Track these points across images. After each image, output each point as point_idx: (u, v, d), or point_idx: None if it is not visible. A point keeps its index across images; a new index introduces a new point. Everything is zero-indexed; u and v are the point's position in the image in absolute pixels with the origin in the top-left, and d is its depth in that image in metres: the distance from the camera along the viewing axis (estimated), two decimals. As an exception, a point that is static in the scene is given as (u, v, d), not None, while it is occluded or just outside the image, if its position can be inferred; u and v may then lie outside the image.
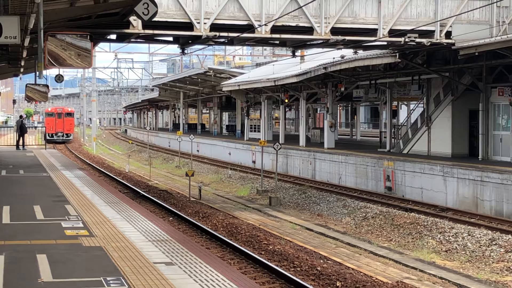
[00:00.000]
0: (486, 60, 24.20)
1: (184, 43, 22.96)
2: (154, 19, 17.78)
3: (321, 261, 14.86)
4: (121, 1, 16.42)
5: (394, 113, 41.24)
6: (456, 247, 17.35)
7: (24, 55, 21.55)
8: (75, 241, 10.21)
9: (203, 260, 9.20)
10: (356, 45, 24.72)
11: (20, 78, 59.49)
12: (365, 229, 20.68)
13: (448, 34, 22.55)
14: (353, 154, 28.94)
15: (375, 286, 12.61)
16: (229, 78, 48.40)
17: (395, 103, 43.23)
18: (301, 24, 21.43)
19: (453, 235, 18.16)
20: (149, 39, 23.92)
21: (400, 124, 35.00)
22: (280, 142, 34.13)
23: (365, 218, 21.79)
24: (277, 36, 21.83)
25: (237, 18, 20.93)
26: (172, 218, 19.86)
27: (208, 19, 20.52)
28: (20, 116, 41.09)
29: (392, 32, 21.96)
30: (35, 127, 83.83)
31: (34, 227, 11.40)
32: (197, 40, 22.06)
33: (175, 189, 30.05)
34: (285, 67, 42.13)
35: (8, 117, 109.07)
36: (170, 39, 23.42)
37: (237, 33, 21.26)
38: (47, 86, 29.22)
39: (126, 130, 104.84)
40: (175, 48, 24.79)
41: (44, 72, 18.03)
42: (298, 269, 13.68)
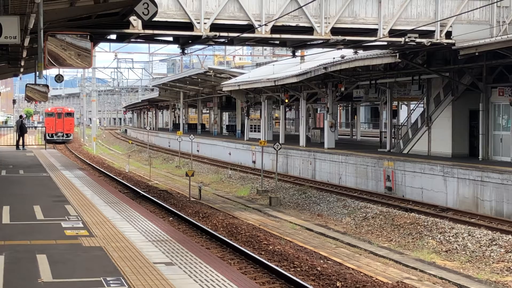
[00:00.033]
0: (486, 60, 24.19)
1: (184, 43, 22.95)
2: (154, 19, 17.77)
3: (321, 261, 14.85)
4: (121, 1, 16.41)
5: (394, 113, 41.22)
6: (456, 247, 17.34)
7: (24, 55, 21.54)
8: (75, 241, 10.20)
9: (203, 260, 9.19)
10: (356, 45, 24.71)
11: (20, 78, 59.51)
12: (365, 229, 20.67)
13: (448, 34, 22.54)
14: (353, 154, 28.94)
15: (375, 286, 12.61)
16: (229, 78, 48.40)
17: (395, 103, 43.22)
18: (301, 24, 21.42)
19: (453, 235, 18.16)
20: (149, 39, 23.92)
21: (400, 124, 35.00)
22: (280, 142, 34.12)
23: (365, 218, 21.78)
24: (277, 36, 21.82)
25: (237, 18, 20.92)
26: (172, 218, 19.85)
27: (208, 19, 20.51)
28: (20, 116, 41.09)
29: (392, 32, 21.95)
30: (35, 127, 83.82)
31: (34, 227, 11.40)
32: (197, 40, 22.06)
33: (175, 189, 30.04)
34: (285, 67, 42.13)
35: (8, 117, 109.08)
36: (170, 39, 23.42)
37: (237, 33, 21.25)
38: (47, 86, 29.21)
39: (126, 130, 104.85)
40: (175, 48, 24.79)
41: (44, 72, 18.03)
42: (298, 269, 13.67)
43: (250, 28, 20.86)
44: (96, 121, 77.05)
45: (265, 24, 20.82)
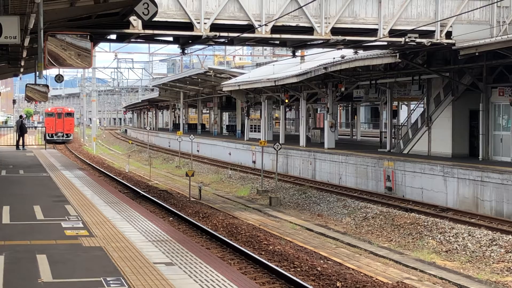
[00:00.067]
0: (487, 60, 24.18)
1: (184, 43, 22.95)
2: (154, 19, 17.77)
3: (321, 262, 14.85)
4: (121, 1, 16.41)
5: (395, 113, 41.22)
6: (457, 248, 17.34)
7: (24, 55, 21.54)
8: (75, 241, 10.20)
9: (203, 260, 9.19)
10: (357, 45, 24.71)
11: (20, 78, 59.49)
12: (365, 229, 20.67)
13: (449, 34, 22.54)
14: (353, 154, 28.93)
15: (375, 287, 12.60)
16: (229, 78, 48.39)
17: (396, 103, 43.21)
18: (301, 24, 21.42)
19: (454, 236, 18.15)
20: (149, 39, 23.92)
21: (401, 124, 35.00)
22: (280, 142, 34.12)
23: (365, 218, 21.77)
24: (277, 36, 21.82)
25: (237, 18, 20.92)
26: (172, 218, 19.85)
27: (208, 19, 20.51)
28: (20, 116, 41.09)
29: (393, 32, 21.94)
30: (35, 127, 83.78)
31: (34, 227, 11.39)
32: (197, 40, 22.06)
33: (175, 189, 30.04)
34: (285, 67, 42.13)
35: (8, 117, 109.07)
36: (170, 39, 23.42)
37: (237, 33, 21.25)
38: (47, 86, 29.22)
39: (126, 130, 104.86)
40: (175, 48, 24.79)
41: (44, 72, 18.03)
42: (298, 270, 13.66)
43: (250, 28, 20.85)
44: (96, 121, 77.04)
45: (265, 24, 20.82)
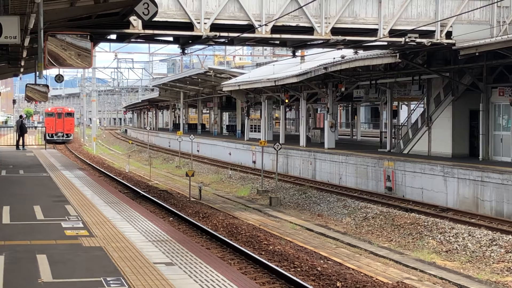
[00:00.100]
0: (487, 60, 24.18)
1: (184, 43, 22.95)
2: (154, 19, 17.77)
3: (322, 262, 14.85)
4: (121, 1, 16.41)
5: (395, 113, 41.22)
6: (457, 248, 17.34)
7: (24, 55, 21.54)
8: (75, 241, 10.20)
9: (203, 261, 9.18)
10: (357, 45, 24.71)
11: (20, 78, 59.49)
12: (366, 230, 20.67)
13: (449, 34, 22.53)
14: (354, 154, 28.93)
15: (376, 287, 12.60)
16: (229, 78, 48.39)
17: (396, 103, 43.21)
18: (302, 24, 21.42)
19: (454, 236, 18.15)
20: (149, 39, 23.92)
21: (401, 124, 35.00)
22: (281, 142, 34.12)
23: (366, 219, 21.77)
24: (278, 36, 21.82)
25: (237, 18, 20.92)
26: (172, 218, 19.85)
27: (208, 19, 20.51)
28: (20, 116, 41.09)
29: (393, 32, 21.94)
30: (35, 127, 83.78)
31: (34, 227, 11.39)
32: (197, 40, 22.06)
33: (175, 189, 30.04)
34: (286, 67, 42.13)
35: (8, 117, 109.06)
36: (170, 39, 23.42)
37: (237, 33, 21.25)
38: (47, 86, 29.23)
39: (126, 130, 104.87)
40: (175, 48, 24.78)
41: (44, 72, 18.03)
42: (299, 270, 13.66)
43: (250, 28, 20.85)
44: (96, 121, 77.03)
45: (265, 24, 20.82)
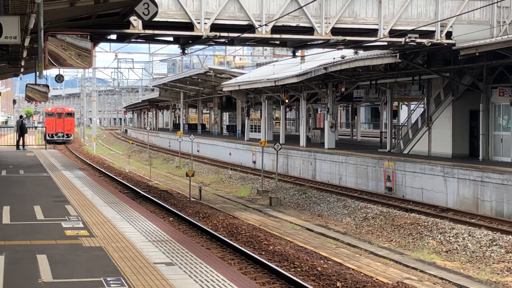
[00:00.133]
0: (487, 61, 24.18)
1: (185, 43, 22.95)
2: (155, 19, 17.77)
3: (322, 262, 14.85)
4: (122, 1, 16.41)
5: (395, 114, 41.23)
6: (457, 248, 17.34)
7: (24, 55, 21.54)
8: (75, 241, 10.20)
9: (204, 261, 9.19)
10: (357, 45, 24.70)
11: (20, 78, 59.47)
12: (366, 230, 20.67)
13: (449, 35, 22.54)
14: (354, 155, 28.93)
15: (376, 287, 12.60)
16: (230, 78, 48.39)
17: (396, 104, 43.21)
18: (302, 24, 21.42)
19: (454, 236, 18.15)
20: (150, 39, 23.92)
21: (401, 125, 34.99)
22: (281, 143, 34.10)
23: (366, 219, 21.77)
24: (278, 36, 21.82)
25: (238, 18, 20.92)
26: (173, 219, 19.85)
27: (209, 19, 20.51)
28: (20, 116, 41.09)
29: (393, 33, 21.95)
30: (35, 127, 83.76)
31: (34, 227, 11.40)
32: (198, 40, 22.06)
33: (176, 190, 30.04)
34: (286, 67, 42.12)
35: (8, 117, 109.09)
36: (171, 39, 23.42)
37: (238, 33, 21.25)
38: (47, 86, 29.25)
39: (126, 130, 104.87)
40: (176, 48, 24.78)
41: (44, 72, 18.06)
42: (299, 270, 13.66)
43: (251, 28, 20.85)
44: (97, 121, 77.04)
45: (266, 24, 20.82)
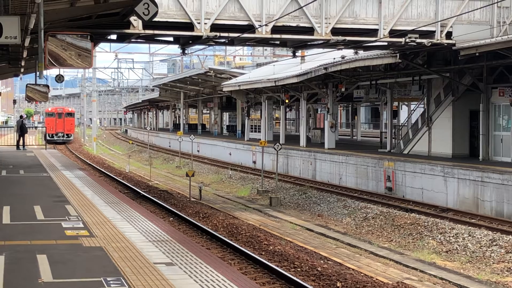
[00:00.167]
0: (487, 61, 24.18)
1: (185, 43, 22.95)
2: (155, 19, 17.78)
3: (322, 262, 14.85)
4: (122, 1, 16.41)
5: (395, 114, 41.23)
6: (457, 248, 17.34)
7: (25, 55, 21.54)
8: (76, 242, 10.21)
9: (204, 261, 9.19)
10: (357, 46, 24.71)
11: (21, 78, 59.44)
12: (366, 230, 20.67)
13: (449, 35, 22.54)
14: (354, 155, 28.93)
15: (376, 287, 12.60)
16: (230, 79, 48.39)
17: (396, 104, 43.21)
18: (302, 25, 21.42)
19: (454, 236, 18.15)
20: (150, 39, 23.92)
21: (401, 125, 34.99)
22: (281, 143, 34.10)
23: (366, 219, 21.78)
24: (278, 37, 21.82)
25: (238, 19, 20.92)
26: (173, 219, 19.85)
27: (209, 19, 20.51)
28: (21, 116, 41.10)
29: (393, 33, 21.95)
30: (36, 127, 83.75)
31: (34, 227, 11.40)
32: (198, 40, 22.06)
33: (176, 190, 30.04)
34: (286, 68, 42.12)
35: (9, 117, 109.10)
36: (171, 39, 23.42)
37: (238, 33, 21.25)
38: (48, 86, 29.26)
39: (127, 130, 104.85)
40: (176, 48, 24.81)
41: (45, 72, 18.08)
42: (299, 270, 13.67)
43: (251, 29, 20.86)
44: (97, 121, 77.03)
45: (266, 25, 20.82)
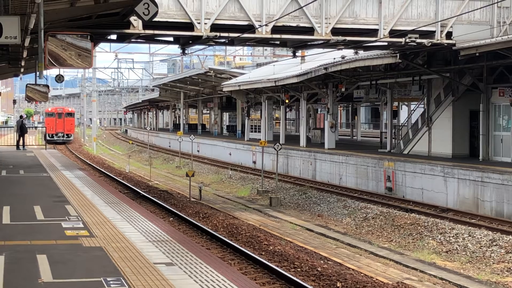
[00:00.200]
0: (487, 61, 24.18)
1: (185, 43, 22.95)
2: (155, 19, 17.77)
3: (322, 262, 14.85)
4: (122, 1, 16.41)
5: (395, 114, 41.23)
6: (457, 248, 17.34)
7: (25, 55, 21.54)
8: (75, 242, 10.20)
9: (204, 261, 9.19)
10: (357, 46, 24.70)
11: (21, 78, 59.49)
12: (366, 230, 20.67)
13: (449, 35, 22.54)
14: (354, 155, 28.93)
15: (376, 287, 12.60)
16: (230, 79, 48.39)
17: (396, 104, 43.21)
18: (302, 25, 21.42)
19: (454, 236, 18.15)
20: (150, 39, 23.91)
21: (401, 125, 34.99)
22: (281, 143, 34.09)
23: (366, 219, 21.77)
24: (278, 37, 21.82)
25: (238, 19, 20.92)
26: (173, 219, 19.85)
27: (209, 19, 20.51)
28: (21, 116, 41.10)
29: (393, 33, 21.95)
30: (36, 127, 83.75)
31: (34, 228, 11.40)
32: (198, 41, 22.06)
33: (176, 190, 30.04)
34: (286, 68, 42.12)
35: (9, 117, 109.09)
36: (171, 39, 23.42)
37: (238, 34, 21.25)
38: (48, 86, 29.25)
39: (127, 131, 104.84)
40: (176, 48, 24.81)
41: (45, 72, 18.07)
42: (299, 270, 13.66)
43: (251, 29, 20.86)
44: (97, 121, 77.03)
45: (266, 25, 20.82)
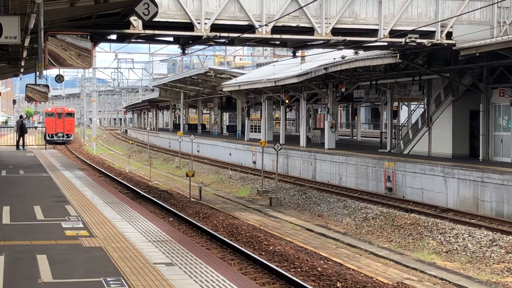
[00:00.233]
0: (487, 61, 24.18)
1: (185, 44, 22.95)
2: (155, 19, 17.78)
3: (322, 262, 14.85)
4: (122, 1, 16.41)
5: (395, 114, 41.23)
6: (457, 248, 17.33)
7: (24, 55, 21.53)
8: (75, 242, 10.20)
9: (204, 261, 9.18)
10: (357, 46, 24.70)
11: (20, 78, 59.51)
12: (366, 230, 20.67)
13: (449, 35, 22.53)
14: (354, 155, 28.93)
15: (376, 287, 12.60)
16: (230, 79, 48.39)
17: (396, 104, 43.22)
18: (302, 25, 21.42)
19: (454, 236, 18.15)
20: (150, 39, 23.91)
21: (401, 125, 34.98)
22: (281, 143, 34.09)
23: (366, 219, 21.77)
24: (278, 37, 21.81)
25: (238, 19, 20.92)
26: (173, 219, 19.85)
27: (209, 20, 20.51)
28: (20, 116, 41.10)
29: (393, 33, 21.94)
30: (35, 127, 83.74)
31: (34, 228, 11.39)
32: (198, 41, 22.06)
33: (176, 190, 30.03)
34: (286, 68, 42.12)
35: (8, 117, 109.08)
36: (171, 39, 23.42)
37: (238, 34, 21.25)
38: (47, 86, 29.25)
39: (127, 131, 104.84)
40: (176, 48, 24.82)
41: (44, 72, 18.06)
42: (299, 270, 13.66)
43: (251, 29, 20.85)
44: (97, 122, 77.04)
45: (266, 25, 20.81)
